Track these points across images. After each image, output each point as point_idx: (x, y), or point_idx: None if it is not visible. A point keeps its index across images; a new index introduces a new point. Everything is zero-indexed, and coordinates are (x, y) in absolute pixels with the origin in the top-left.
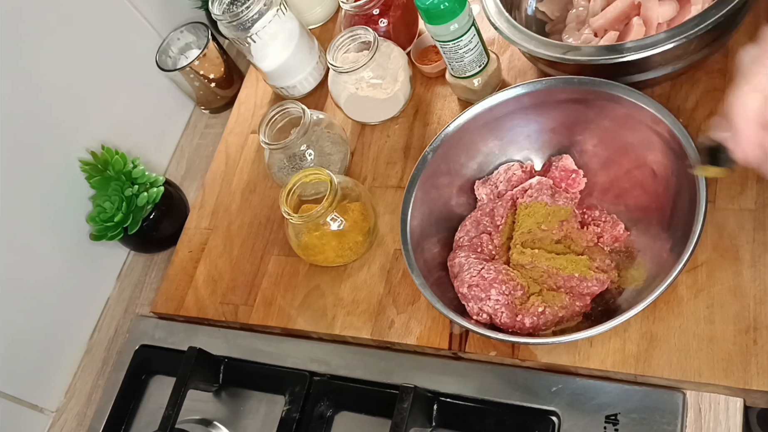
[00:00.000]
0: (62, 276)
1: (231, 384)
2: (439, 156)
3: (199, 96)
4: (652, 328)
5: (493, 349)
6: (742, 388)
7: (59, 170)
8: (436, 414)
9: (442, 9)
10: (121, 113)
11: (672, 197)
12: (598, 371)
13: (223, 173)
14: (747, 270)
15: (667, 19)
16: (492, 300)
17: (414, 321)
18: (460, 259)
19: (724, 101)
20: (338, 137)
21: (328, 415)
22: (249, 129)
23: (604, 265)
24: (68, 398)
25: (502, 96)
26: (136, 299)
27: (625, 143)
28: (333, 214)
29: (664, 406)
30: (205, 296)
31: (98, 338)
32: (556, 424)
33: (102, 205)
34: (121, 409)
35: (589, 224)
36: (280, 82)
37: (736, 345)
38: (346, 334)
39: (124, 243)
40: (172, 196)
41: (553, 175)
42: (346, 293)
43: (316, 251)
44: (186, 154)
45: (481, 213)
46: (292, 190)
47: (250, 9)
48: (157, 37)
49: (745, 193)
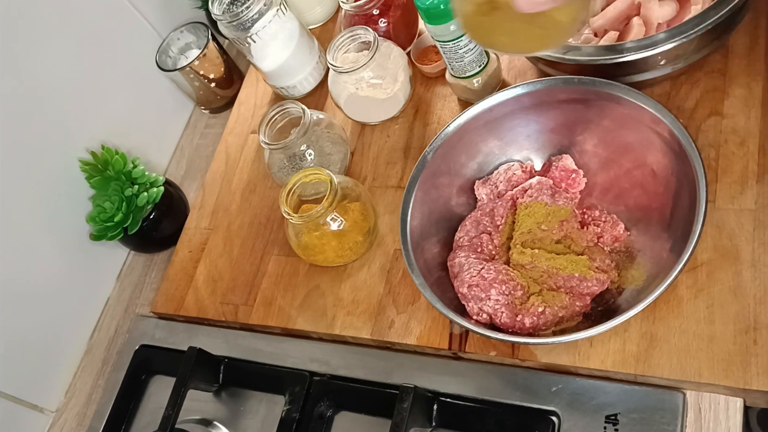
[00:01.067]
0: (62, 276)
1: (231, 384)
2: (439, 156)
3: (199, 96)
4: (652, 328)
5: (493, 349)
6: (742, 388)
7: (59, 170)
8: (436, 414)
9: (442, 9)
10: (121, 113)
11: (672, 197)
12: (598, 371)
13: (223, 173)
14: (747, 270)
15: (667, 19)
16: (492, 300)
17: (414, 321)
18: (460, 259)
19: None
20: (338, 137)
21: (328, 415)
22: (249, 129)
23: (604, 265)
24: (68, 398)
25: (502, 96)
26: (136, 299)
27: (625, 143)
28: (333, 214)
29: (664, 406)
30: (205, 296)
31: (98, 338)
32: (556, 424)
33: (102, 205)
34: (121, 409)
35: (589, 224)
36: (280, 82)
37: (736, 345)
38: (346, 334)
39: (124, 243)
40: (172, 196)
41: (553, 175)
42: (346, 293)
43: (316, 251)
44: (186, 154)
45: (481, 213)
46: (292, 190)
47: (250, 9)
48: (157, 37)
49: (745, 193)
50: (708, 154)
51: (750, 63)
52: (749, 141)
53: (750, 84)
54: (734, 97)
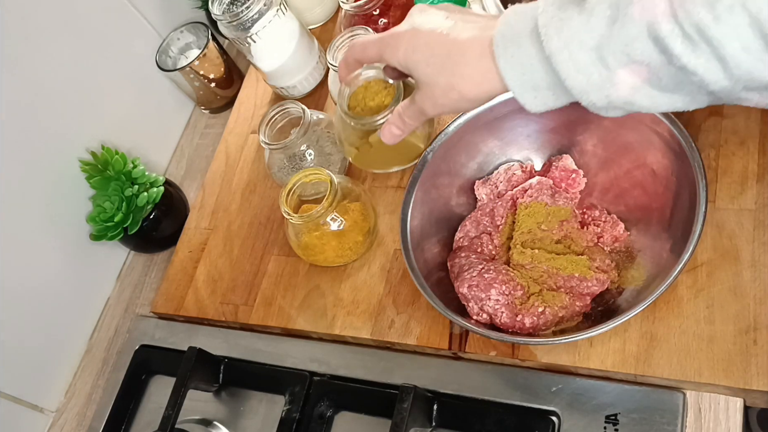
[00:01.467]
0: (62, 276)
1: (231, 384)
2: (439, 156)
3: (199, 96)
4: (652, 328)
5: (493, 349)
6: (742, 388)
7: (59, 170)
8: (436, 414)
9: None
10: (121, 113)
11: (672, 197)
12: (598, 371)
13: (223, 173)
14: (747, 270)
15: None
16: (492, 300)
17: (414, 321)
18: (460, 259)
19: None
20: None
21: (328, 415)
22: (249, 129)
23: (604, 265)
24: (68, 398)
25: (502, 96)
26: (136, 299)
27: (625, 143)
28: (333, 214)
29: (664, 406)
30: (205, 296)
31: (98, 338)
32: (556, 424)
33: (102, 205)
34: (121, 409)
35: (589, 224)
36: (280, 82)
37: (736, 345)
38: (346, 334)
39: (124, 243)
40: (172, 196)
41: (553, 175)
42: (346, 293)
43: (316, 251)
44: (186, 154)
45: (481, 213)
46: (292, 190)
47: (250, 9)
48: (157, 37)
49: (745, 193)
50: (708, 154)
51: None
52: (749, 141)
53: None
54: None
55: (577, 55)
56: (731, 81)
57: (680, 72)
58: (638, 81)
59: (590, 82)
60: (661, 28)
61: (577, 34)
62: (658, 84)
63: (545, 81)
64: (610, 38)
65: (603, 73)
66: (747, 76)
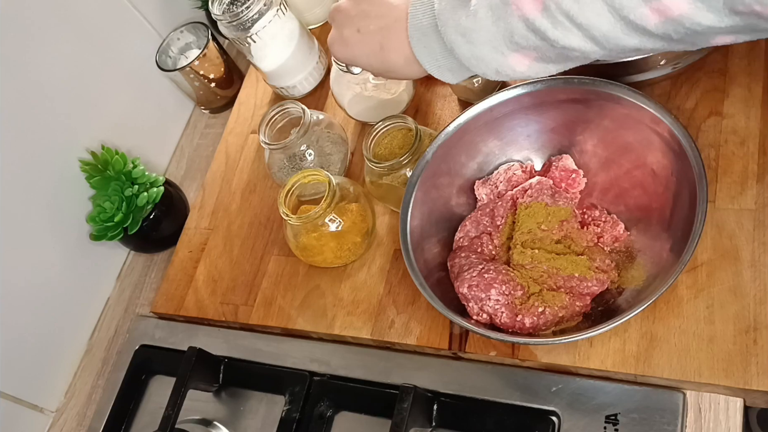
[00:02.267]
0: (62, 276)
1: (231, 384)
2: (439, 156)
3: (199, 96)
4: (652, 328)
5: (493, 349)
6: (742, 388)
7: (59, 170)
8: (436, 414)
9: None
10: (121, 113)
11: (672, 197)
12: (598, 371)
13: (223, 173)
14: (747, 270)
15: None
16: (492, 300)
17: (414, 321)
18: (460, 259)
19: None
20: (338, 137)
21: (328, 415)
22: (249, 129)
23: (604, 265)
24: (68, 398)
25: (502, 96)
26: (136, 299)
27: (625, 143)
28: (331, 215)
29: (664, 406)
30: (205, 296)
31: (98, 338)
32: (556, 424)
33: (102, 205)
34: (121, 409)
35: (589, 224)
36: (280, 82)
37: (736, 345)
38: (346, 334)
39: (124, 243)
40: (172, 196)
41: (553, 175)
42: (346, 293)
43: (315, 252)
44: (186, 154)
45: (481, 213)
46: (290, 190)
47: (250, 9)
48: (157, 37)
49: (745, 193)
50: (708, 154)
51: (750, 63)
52: (749, 141)
53: (750, 84)
54: (734, 97)
55: (475, 49)
56: (606, 50)
57: (563, 50)
58: (530, 61)
59: (491, 67)
60: (535, 20)
61: (470, 31)
62: (549, 59)
63: (455, 64)
64: (497, 33)
65: (499, 60)
66: (618, 47)
